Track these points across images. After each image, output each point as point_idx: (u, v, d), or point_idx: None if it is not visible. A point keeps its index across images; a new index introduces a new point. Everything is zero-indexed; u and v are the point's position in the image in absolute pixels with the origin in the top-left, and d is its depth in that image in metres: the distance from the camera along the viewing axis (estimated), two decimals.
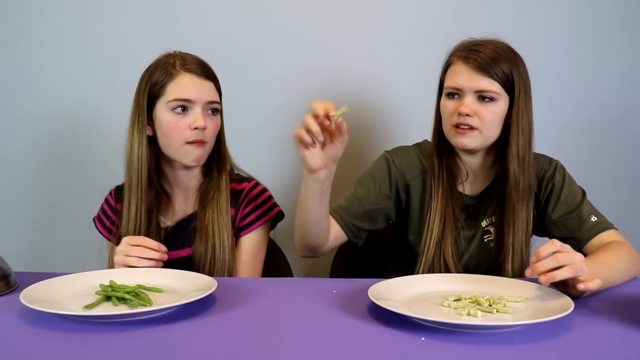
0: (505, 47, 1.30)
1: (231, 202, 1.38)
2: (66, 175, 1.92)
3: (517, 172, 1.29)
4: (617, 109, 1.89)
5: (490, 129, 1.29)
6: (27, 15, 1.86)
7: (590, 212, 1.30)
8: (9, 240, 1.90)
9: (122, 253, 1.19)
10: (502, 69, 1.26)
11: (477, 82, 1.26)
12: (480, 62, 1.26)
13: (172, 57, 1.34)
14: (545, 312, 0.92)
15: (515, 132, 1.29)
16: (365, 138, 1.87)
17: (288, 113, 1.87)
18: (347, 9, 1.85)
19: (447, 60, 1.35)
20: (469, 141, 1.29)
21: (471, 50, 1.29)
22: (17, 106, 1.90)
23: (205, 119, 1.30)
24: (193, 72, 1.31)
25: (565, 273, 0.96)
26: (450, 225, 1.33)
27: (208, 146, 1.33)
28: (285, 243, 1.49)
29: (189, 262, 1.34)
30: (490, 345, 0.84)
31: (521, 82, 1.28)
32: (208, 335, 0.89)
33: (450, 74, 1.31)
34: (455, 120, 1.29)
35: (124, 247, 1.20)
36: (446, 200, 1.34)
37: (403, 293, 1.05)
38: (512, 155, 1.29)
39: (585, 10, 1.85)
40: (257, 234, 1.40)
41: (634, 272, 1.20)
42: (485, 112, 1.27)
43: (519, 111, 1.28)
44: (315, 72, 1.87)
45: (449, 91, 1.31)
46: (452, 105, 1.30)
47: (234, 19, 1.85)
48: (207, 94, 1.31)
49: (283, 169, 1.91)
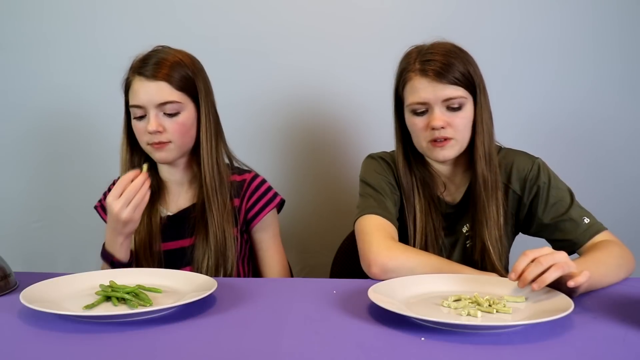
0: (453, 47, 1.28)
1: (235, 193, 1.39)
2: (66, 175, 1.92)
3: (485, 172, 1.28)
4: (617, 108, 1.89)
5: (465, 135, 1.27)
6: (26, 15, 1.86)
7: (581, 214, 1.27)
8: (9, 240, 1.90)
9: (128, 215, 1.20)
10: (460, 71, 1.24)
11: (442, 91, 1.23)
12: (438, 70, 1.22)
13: (140, 57, 1.33)
14: (545, 312, 0.92)
15: (480, 131, 1.27)
16: (365, 138, 1.87)
17: (288, 113, 1.87)
18: (347, 8, 1.85)
19: (401, 75, 1.30)
20: (449, 152, 1.27)
21: (424, 61, 1.25)
22: (17, 106, 1.90)
23: (162, 121, 1.30)
24: (143, 75, 1.29)
25: (553, 274, 0.97)
26: (431, 238, 1.32)
27: (174, 145, 1.32)
28: (285, 243, 1.50)
29: (190, 253, 1.35)
30: (490, 345, 0.84)
31: (478, 79, 1.27)
32: (208, 335, 0.89)
33: (411, 90, 1.26)
34: (430, 136, 1.26)
35: (126, 214, 1.20)
36: (426, 216, 1.33)
37: (403, 293, 1.05)
38: (478, 155, 1.28)
39: (585, 10, 1.85)
40: (268, 221, 1.43)
41: (626, 268, 1.18)
42: (457, 120, 1.25)
43: (481, 109, 1.27)
44: (315, 72, 1.87)
45: (415, 108, 1.26)
46: (422, 121, 1.26)
47: (234, 19, 1.85)
48: (157, 96, 1.29)
49: (282, 167, 1.91)
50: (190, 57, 1.36)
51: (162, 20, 1.85)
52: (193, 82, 1.33)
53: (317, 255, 1.92)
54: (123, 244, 1.26)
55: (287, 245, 1.53)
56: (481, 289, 1.07)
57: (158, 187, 1.40)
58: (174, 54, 1.33)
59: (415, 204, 1.33)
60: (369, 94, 1.84)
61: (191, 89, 1.33)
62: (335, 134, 1.91)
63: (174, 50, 1.36)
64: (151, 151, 1.34)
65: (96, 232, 1.46)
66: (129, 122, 1.36)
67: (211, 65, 1.40)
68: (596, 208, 1.31)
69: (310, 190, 1.93)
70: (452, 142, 1.26)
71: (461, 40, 1.35)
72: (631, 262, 1.21)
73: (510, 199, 1.34)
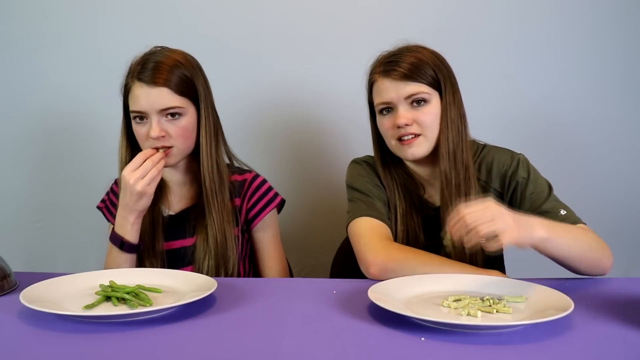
0: (417, 47, 1.30)
1: (236, 193, 1.40)
2: (66, 175, 1.92)
3: (448, 169, 1.27)
4: (617, 108, 1.89)
5: (433, 131, 1.27)
6: (27, 15, 1.86)
7: (558, 206, 1.26)
8: (9, 240, 1.90)
9: (143, 187, 1.23)
10: (424, 70, 1.26)
11: (404, 89, 1.25)
12: (401, 70, 1.25)
13: (138, 60, 1.33)
14: (545, 313, 0.92)
15: (444, 128, 1.27)
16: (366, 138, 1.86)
17: (289, 113, 1.87)
18: (347, 8, 1.85)
19: (368, 80, 1.34)
20: (417, 150, 1.27)
21: (388, 62, 1.28)
22: (16, 106, 1.90)
23: (164, 125, 1.29)
24: (144, 80, 1.28)
25: (473, 239, 0.97)
26: (412, 240, 1.32)
27: (176, 150, 1.32)
28: (285, 243, 1.50)
29: (191, 252, 1.36)
30: (490, 345, 0.84)
31: (445, 76, 1.28)
32: (208, 335, 0.89)
33: (376, 92, 1.30)
34: (396, 134, 1.27)
35: (141, 186, 1.23)
36: (406, 219, 1.33)
37: (403, 293, 1.05)
38: (441, 153, 1.27)
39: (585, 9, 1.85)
40: (269, 221, 1.43)
41: (598, 253, 1.16)
42: (422, 116, 1.26)
43: (447, 107, 1.27)
44: (315, 72, 1.87)
45: (381, 108, 1.29)
46: (388, 120, 1.28)
47: (234, 19, 1.85)
48: (159, 101, 1.28)
49: (282, 167, 1.91)
50: (188, 57, 1.35)
51: (161, 20, 1.85)
52: (193, 84, 1.33)
53: (317, 255, 1.92)
54: (134, 224, 1.27)
55: (287, 245, 1.53)
56: (481, 289, 1.07)
57: (160, 187, 1.40)
58: (172, 56, 1.32)
59: (397, 206, 1.34)
60: None
61: (191, 91, 1.33)
62: (336, 134, 1.91)
63: (170, 51, 1.34)
64: None
65: (96, 232, 1.46)
66: (128, 125, 1.35)
67: (212, 65, 1.40)
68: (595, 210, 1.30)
69: (311, 190, 1.93)
70: (420, 139, 1.27)
71: (461, 39, 1.36)
72: (606, 252, 1.17)
73: (493, 197, 1.33)
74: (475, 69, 1.78)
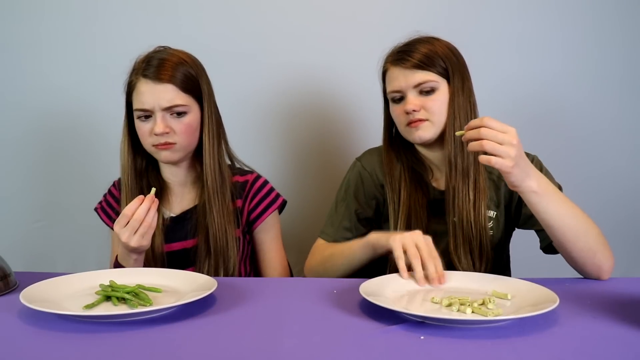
0: (431, 39, 1.34)
1: (237, 194, 1.40)
2: (66, 175, 1.92)
3: (454, 154, 1.30)
4: (616, 107, 1.89)
5: (441, 116, 1.31)
6: (27, 15, 1.86)
7: None
8: (9, 240, 1.90)
9: (136, 243, 1.17)
10: (434, 60, 1.30)
11: (412, 77, 1.30)
12: (411, 60, 1.30)
13: (142, 59, 1.33)
14: (537, 307, 0.93)
15: (451, 114, 1.31)
16: (366, 138, 1.87)
17: (289, 113, 1.87)
18: (347, 8, 1.85)
19: (382, 68, 1.39)
20: (423, 132, 1.31)
21: (400, 52, 1.33)
22: (16, 106, 1.90)
23: (169, 122, 1.30)
24: (149, 77, 1.29)
25: (478, 148, 1.04)
26: (415, 221, 1.33)
27: (179, 146, 1.32)
28: (285, 243, 1.50)
29: (192, 254, 1.36)
30: (490, 341, 0.84)
31: (454, 66, 1.32)
32: (208, 335, 0.89)
33: (388, 81, 1.36)
34: (406, 120, 1.32)
35: (134, 242, 1.17)
36: (411, 200, 1.35)
37: (393, 289, 1.07)
38: (446, 140, 1.31)
39: (585, 8, 1.85)
40: (270, 222, 1.44)
41: (596, 241, 1.15)
42: (430, 102, 1.30)
43: (454, 94, 1.31)
44: (316, 72, 1.87)
45: (392, 96, 1.35)
46: (399, 108, 1.34)
47: (234, 19, 1.85)
48: (164, 99, 1.29)
49: (282, 168, 1.91)
50: (192, 57, 1.36)
51: (161, 20, 1.85)
52: (197, 82, 1.33)
53: None
54: (137, 261, 1.24)
55: (288, 245, 1.53)
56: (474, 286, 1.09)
57: (161, 189, 1.39)
58: (176, 54, 1.33)
59: (401, 188, 1.37)
60: (372, 93, 1.84)
61: (195, 89, 1.33)
62: (337, 134, 1.91)
63: (175, 50, 1.36)
64: (155, 152, 1.33)
65: (96, 232, 1.46)
66: (130, 124, 1.35)
67: (212, 65, 1.40)
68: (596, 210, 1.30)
69: (311, 190, 1.93)
70: (426, 123, 1.31)
71: (462, 38, 1.36)
72: (606, 252, 1.16)
73: (503, 192, 1.35)
74: (474, 69, 1.78)
